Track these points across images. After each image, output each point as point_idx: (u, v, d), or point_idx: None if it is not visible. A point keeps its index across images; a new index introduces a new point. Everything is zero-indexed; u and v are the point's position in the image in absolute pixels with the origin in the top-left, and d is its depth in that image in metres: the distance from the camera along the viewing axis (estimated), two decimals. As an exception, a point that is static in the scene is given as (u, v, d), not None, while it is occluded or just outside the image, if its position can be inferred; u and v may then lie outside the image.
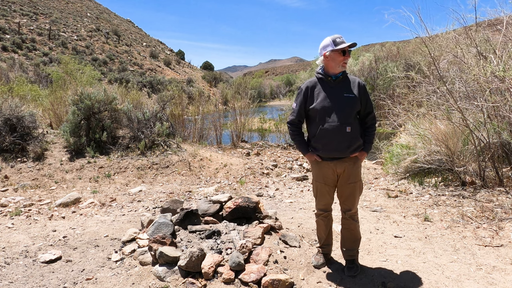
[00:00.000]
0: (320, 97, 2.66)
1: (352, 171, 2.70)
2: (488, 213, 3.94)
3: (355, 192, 2.75)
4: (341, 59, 2.60)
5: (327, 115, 2.62)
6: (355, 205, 2.80)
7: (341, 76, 2.66)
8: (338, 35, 2.62)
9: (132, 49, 44.63)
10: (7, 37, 30.25)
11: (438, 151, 5.03)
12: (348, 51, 2.63)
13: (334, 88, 2.65)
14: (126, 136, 7.38)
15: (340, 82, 2.66)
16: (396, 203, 4.67)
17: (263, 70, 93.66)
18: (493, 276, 2.78)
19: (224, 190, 5.68)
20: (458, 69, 5.19)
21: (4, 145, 6.27)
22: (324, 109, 2.62)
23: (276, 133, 10.23)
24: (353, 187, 2.73)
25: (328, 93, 2.65)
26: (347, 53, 2.62)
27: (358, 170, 2.75)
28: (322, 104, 2.63)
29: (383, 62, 18.73)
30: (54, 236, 3.72)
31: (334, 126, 2.59)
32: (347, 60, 2.63)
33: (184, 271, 2.71)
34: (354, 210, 2.81)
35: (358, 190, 2.78)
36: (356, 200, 2.79)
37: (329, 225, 3.00)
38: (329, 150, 2.66)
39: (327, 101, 2.62)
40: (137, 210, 4.65)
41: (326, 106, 2.62)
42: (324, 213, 2.92)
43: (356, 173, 2.73)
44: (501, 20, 4.73)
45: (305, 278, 2.78)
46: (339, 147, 2.62)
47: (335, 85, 2.66)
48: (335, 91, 2.64)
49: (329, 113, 2.61)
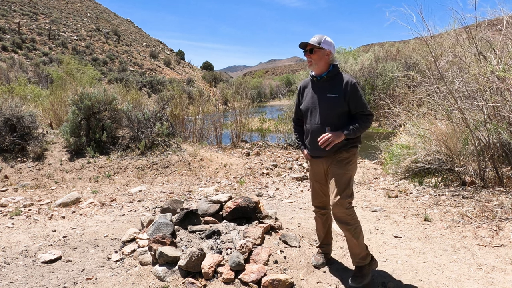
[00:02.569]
0: (307, 97, 2.72)
1: (336, 163, 2.60)
2: (488, 213, 3.94)
3: (337, 182, 2.53)
4: (307, 58, 2.64)
5: (310, 115, 2.66)
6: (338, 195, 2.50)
7: (326, 76, 2.61)
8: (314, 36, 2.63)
9: (132, 49, 44.63)
10: (7, 37, 30.25)
11: (438, 151, 5.03)
12: (309, 50, 2.60)
13: (319, 88, 2.66)
14: (126, 136, 7.38)
15: (324, 82, 2.64)
16: (396, 203, 4.67)
17: (263, 70, 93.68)
18: (493, 276, 2.78)
19: (224, 190, 5.67)
20: (458, 69, 5.19)
21: (4, 145, 6.27)
22: (308, 109, 2.67)
23: (276, 133, 10.23)
24: (334, 179, 2.55)
25: (313, 93, 2.67)
26: (307, 53, 2.61)
27: (341, 160, 2.60)
28: (306, 105, 2.69)
29: (383, 62, 18.73)
30: (54, 236, 3.72)
31: (315, 126, 2.62)
32: (310, 59, 2.61)
33: (184, 271, 2.71)
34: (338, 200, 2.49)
35: (342, 182, 2.53)
36: (338, 191, 2.51)
37: (327, 223, 2.96)
38: (312, 149, 2.69)
39: (310, 101, 2.67)
40: (137, 210, 4.65)
41: (309, 106, 2.66)
42: (321, 211, 2.90)
43: (339, 163, 2.59)
44: (501, 20, 4.73)
45: (305, 278, 2.78)
46: (319, 147, 2.56)
47: (320, 85, 2.66)
48: (319, 91, 2.64)
49: (311, 113, 2.65)
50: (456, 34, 5.18)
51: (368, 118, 2.61)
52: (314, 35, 2.65)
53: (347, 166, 2.62)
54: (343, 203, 2.51)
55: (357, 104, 2.57)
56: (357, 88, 2.56)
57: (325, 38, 2.59)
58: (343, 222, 2.55)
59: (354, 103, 2.56)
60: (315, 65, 2.61)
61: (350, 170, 2.63)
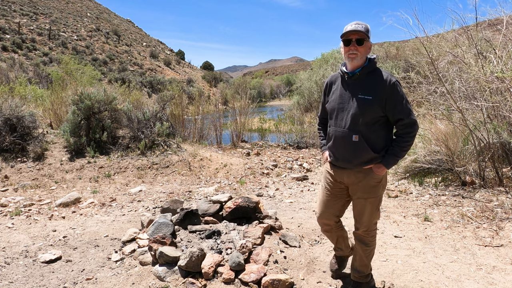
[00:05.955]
0: (334, 95, 2.29)
1: (361, 185, 2.22)
2: (488, 213, 3.94)
3: (364, 209, 2.26)
4: (346, 50, 2.16)
5: (336, 118, 2.24)
6: (365, 226, 2.31)
7: (359, 72, 2.16)
8: (355, 22, 2.12)
9: (132, 49, 44.63)
10: (7, 37, 30.26)
11: (438, 151, 5.03)
12: (356, 40, 2.10)
13: (350, 86, 2.21)
14: (126, 136, 7.38)
15: (358, 80, 2.18)
16: (396, 203, 4.67)
17: (263, 70, 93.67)
18: (493, 276, 2.79)
19: (224, 190, 5.67)
20: (458, 69, 5.19)
21: (4, 145, 6.27)
22: (334, 110, 2.25)
23: (276, 133, 10.23)
24: (362, 204, 2.26)
25: (342, 92, 2.24)
26: (353, 43, 2.11)
27: (371, 184, 2.21)
28: (332, 105, 2.28)
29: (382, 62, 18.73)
30: (54, 236, 3.72)
31: (340, 132, 2.20)
32: (354, 51, 2.11)
33: (184, 271, 2.71)
34: (363, 231, 2.33)
35: (370, 209, 2.26)
36: (365, 219, 2.29)
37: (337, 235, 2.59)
38: (335, 157, 2.28)
39: (338, 101, 2.24)
40: (137, 210, 4.65)
41: (336, 107, 2.24)
42: (324, 227, 2.53)
43: (368, 188, 2.22)
44: (501, 20, 4.73)
45: (305, 278, 2.78)
46: (344, 157, 2.22)
47: (351, 82, 2.21)
48: (350, 90, 2.20)
49: (337, 115, 2.23)
50: (457, 34, 5.19)
51: (412, 130, 2.12)
52: (353, 22, 2.13)
53: (376, 188, 2.24)
54: (371, 228, 2.33)
55: (396, 108, 2.11)
56: (398, 89, 2.10)
57: (369, 27, 2.14)
58: (363, 243, 2.37)
59: (393, 108, 2.11)
60: (359, 59, 2.14)
61: (380, 191, 2.26)
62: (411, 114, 2.12)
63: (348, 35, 2.11)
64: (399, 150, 2.14)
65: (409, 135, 2.13)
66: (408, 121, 2.11)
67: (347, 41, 2.13)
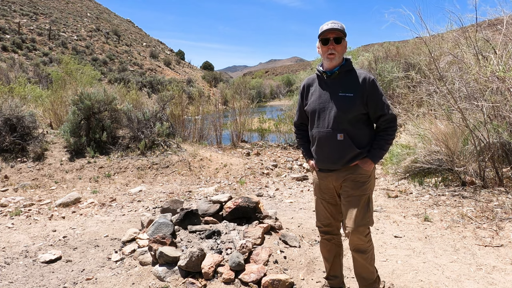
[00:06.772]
0: (313, 96, 2.25)
1: (349, 182, 2.18)
2: (488, 213, 3.94)
3: (354, 207, 2.14)
4: (324, 49, 2.14)
5: (317, 119, 2.20)
6: (356, 223, 2.12)
7: (338, 71, 2.16)
8: (331, 21, 2.13)
9: (132, 49, 44.63)
10: (7, 37, 30.26)
11: (438, 151, 5.03)
12: (334, 39, 2.10)
13: (330, 86, 2.19)
14: (126, 136, 7.38)
15: (337, 79, 2.17)
16: (396, 203, 4.67)
17: (263, 70, 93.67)
18: (493, 276, 2.78)
19: (224, 190, 5.67)
20: (458, 69, 5.19)
21: (4, 145, 6.27)
22: (315, 111, 2.21)
23: (276, 133, 10.23)
24: (351, 202, 2.16)
25: (321, 92, 2.21)
26: (331, 42, 2.11)
27: (359, 181, 2.17)
28: (312, 106, 2.23)
29: (383, 62, 18.74)
30: (54, 236, 3.72)
31: (324, 133, 2.16)
32: (332, 50, 2.11)
33: (184, 271, 2.71)
34: (356, 235, 2.15)
35: (361, 205, 2.14)
36: (355, 218, 2.12)
37: (334, 252, 2.43)
38: (320, 159, 2.23)
39: (318, 101, 2.21)
40: (137, 210, 4.65)
41: (317, 108, 2.20)
42: (325, 235, 2.41)
43: (357, 184, 2.17)
44: (501, 20, 4.73)
45: (305, 278, 2.78)
46: (330, 158, 2.17)
47: (331, 82, 2.19)
48: (330, 89, 2.18)
49: (319, 116, 2.19)
50: (458, 35, 5.19)
51: (394, 124, 2.17)
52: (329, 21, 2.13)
53: (365, 185, 2.18)
54: (363, 231, 2.16)
55: (378, 105, 2.14)
56: (377, 85, 2.15)
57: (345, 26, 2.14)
58: (361, 251, 2.20)
59: (374, 104, 2.14)
60: (337, 58, 2.14)
61: (368, 189, 2.20)
62: (391, 109, 2.19)
63: (325, 34, 2.11)
64: (384, 143, 2.17)
65: (391, 129, 2.18)
66: (389, 116, 2.16)
67: (325, 40, 2.13)
